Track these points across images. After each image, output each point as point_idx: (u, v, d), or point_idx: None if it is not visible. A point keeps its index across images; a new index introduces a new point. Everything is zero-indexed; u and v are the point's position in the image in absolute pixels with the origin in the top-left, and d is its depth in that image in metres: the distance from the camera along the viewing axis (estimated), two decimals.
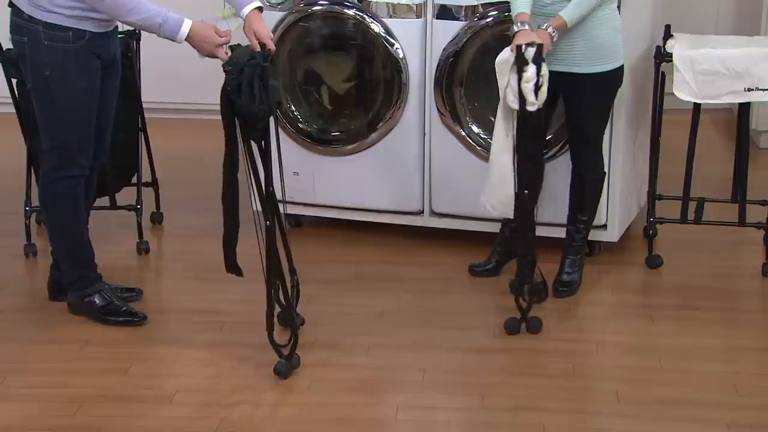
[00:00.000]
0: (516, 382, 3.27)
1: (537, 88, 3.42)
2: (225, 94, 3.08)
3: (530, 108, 3.44)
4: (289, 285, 3.36)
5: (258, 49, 3.31)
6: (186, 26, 3.29)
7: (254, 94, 3.06)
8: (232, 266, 3.32)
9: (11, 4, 3.42)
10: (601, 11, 3.60)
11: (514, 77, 3.44)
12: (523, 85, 3.42)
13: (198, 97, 5.75)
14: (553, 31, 3.53)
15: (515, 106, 3.47)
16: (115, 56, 3.56)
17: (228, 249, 3.28)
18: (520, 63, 3.41)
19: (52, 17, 3.34)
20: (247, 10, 3.45)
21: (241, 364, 3.37)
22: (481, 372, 3.37)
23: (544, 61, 3.43)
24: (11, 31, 3.44)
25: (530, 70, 3.40)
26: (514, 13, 3.58)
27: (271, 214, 3.21)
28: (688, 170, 4.04)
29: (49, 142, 3.49)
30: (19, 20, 3.39)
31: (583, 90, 3.68)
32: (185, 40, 3.30)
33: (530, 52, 3.41)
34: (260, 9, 3.46)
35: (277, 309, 3.32)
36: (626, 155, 4.09)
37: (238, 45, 3.26)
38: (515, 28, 3.53)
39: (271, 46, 3.40)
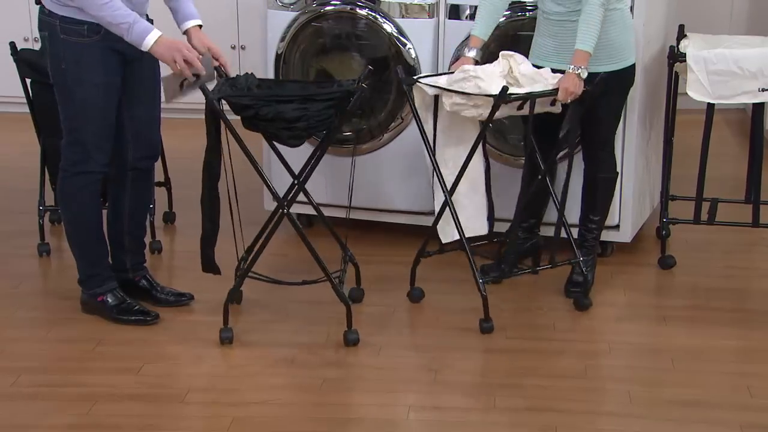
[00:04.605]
0: (528, 382, 3.27)
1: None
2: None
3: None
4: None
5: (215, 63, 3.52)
6: (155, 34, 3.32)
7: None
8: (209, 265, 3.51)
9: (38, 1, 3.48)
10: (612, 11, 3.58)
11: None
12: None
13: None
14: (577, 69, 3.48)
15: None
16: (141, 51, 3.54)
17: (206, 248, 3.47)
18: (406, 82, 3.60)
19: (68, 11, 3.38)
20: (189, 24, 3.55)
21: (253, 363, 3.37)
22: (493, 372, 3.37)
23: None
24: (39, 29, 3.50)
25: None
26: (470, 33, 3.63)
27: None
28: (701, 171, 4.03)
29: (68, 137, 3.52)
30: (42, 16, 3.46)
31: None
32: (152, 47, 3.33)
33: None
34: (200, 26, 3.58)
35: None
36: (639, 155, 4.08)
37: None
38: (465, 51, 3.60)
39: (226, 62, 3.58)
